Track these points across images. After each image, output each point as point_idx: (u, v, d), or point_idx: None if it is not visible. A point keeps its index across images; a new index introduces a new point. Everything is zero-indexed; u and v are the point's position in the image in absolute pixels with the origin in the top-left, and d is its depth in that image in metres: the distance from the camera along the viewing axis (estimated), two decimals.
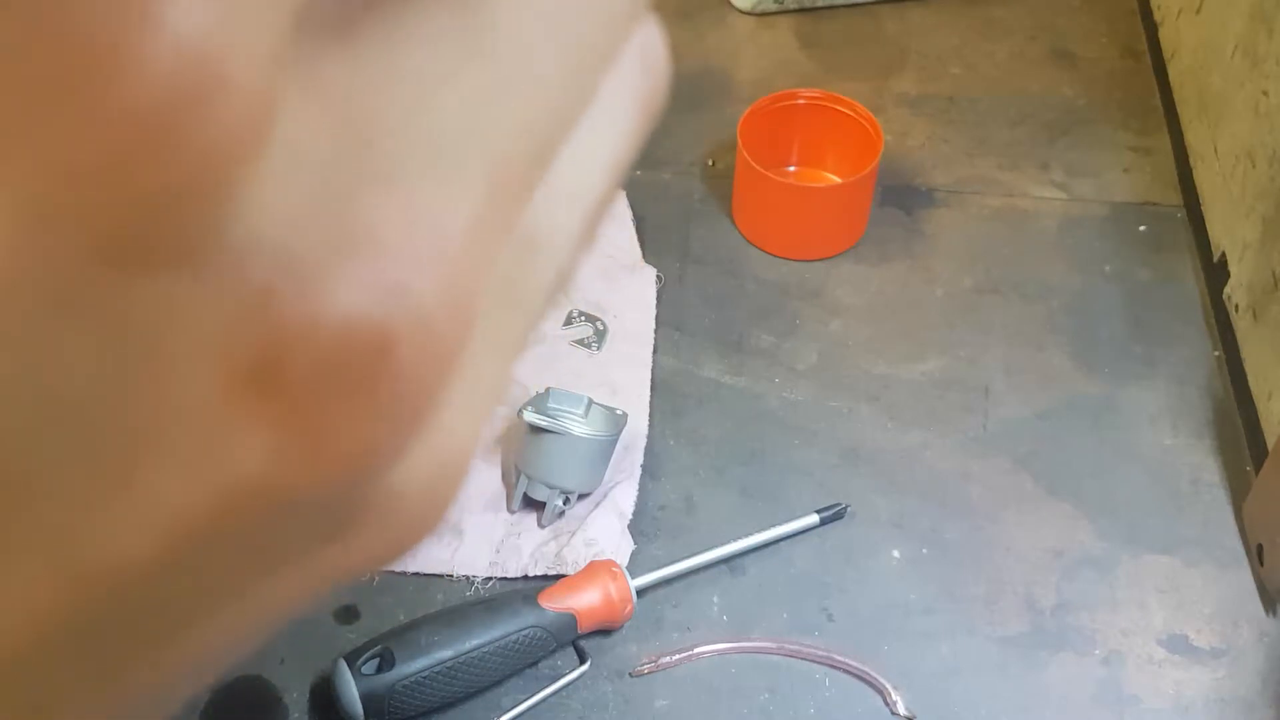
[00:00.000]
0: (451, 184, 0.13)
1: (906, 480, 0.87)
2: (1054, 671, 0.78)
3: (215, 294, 0.12)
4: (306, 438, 0.12)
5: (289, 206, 0.12)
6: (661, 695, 0.76)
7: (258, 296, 0.12)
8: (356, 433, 0.13)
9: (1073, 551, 0.83)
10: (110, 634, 0.13)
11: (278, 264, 0.12)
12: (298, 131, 0.12)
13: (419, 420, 0.13)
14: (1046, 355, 0.94)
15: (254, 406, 0.12)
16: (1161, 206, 1.04)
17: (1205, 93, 1.04)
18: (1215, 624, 0.80)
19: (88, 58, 0.10)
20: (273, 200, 0.12)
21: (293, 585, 0.15)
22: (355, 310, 0.12)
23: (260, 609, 0.15)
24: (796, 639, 0.78)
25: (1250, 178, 0.93)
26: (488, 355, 0.15)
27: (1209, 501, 0.86)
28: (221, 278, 0.12)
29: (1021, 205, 1.04)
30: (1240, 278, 0.93)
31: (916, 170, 1.06)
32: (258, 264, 0.12)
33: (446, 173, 0.13)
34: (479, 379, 0.15)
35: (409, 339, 0.12)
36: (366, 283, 0.12)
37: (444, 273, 0.13)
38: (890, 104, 1.10)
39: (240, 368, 0.12)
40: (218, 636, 0.15)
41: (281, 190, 0.12)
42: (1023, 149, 1.07)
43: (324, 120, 0.12)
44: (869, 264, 0.99)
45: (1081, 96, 1.12)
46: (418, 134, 0.13)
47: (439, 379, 0.13)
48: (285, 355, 0.12)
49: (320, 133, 0.12)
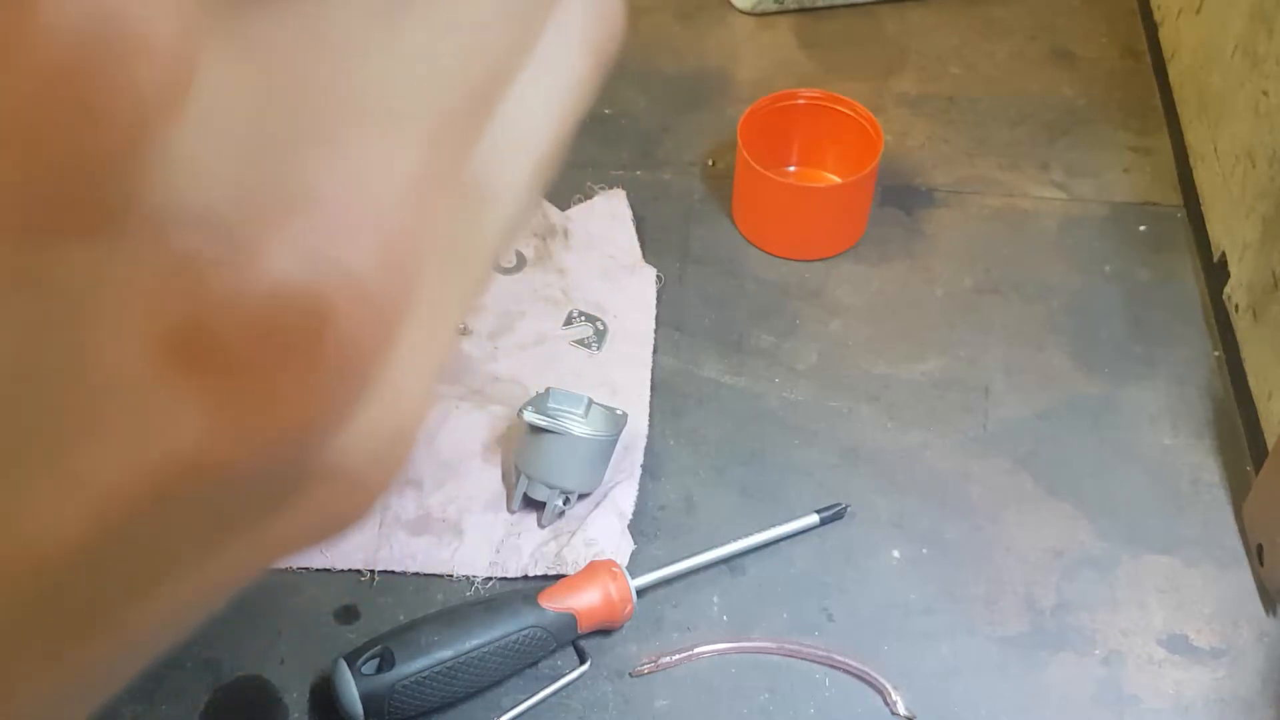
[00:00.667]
0: (388, 140, 0.13)
1: (906, 480, 0.87)
2: (1054, 671, 0.78)
3: (137, 261, 0.11)
4: (240, 410, 0.12)
5: (215, 170, 0.12)
6: (661, 695, 0.76)
7: (182, 263, 0.11)
8: (293, 403, 0.12)
9: (1073, 551, 0.83)
10: (48, 613, 0.13)
11: (203, 229, 0.11)
12: (222, 92, 0.12)
13: (360, 387, 0.13)
14: (1046, 355, 0.94)
15: (184, 378, 0.12)
16: (1161, 206, 1.04)
17: (1205, 93, 1.04)
18: (1215, 624, 0.80)
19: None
20: (197, 163, 0.11)
21: (237, 559, 0.14)
22: (287, 276, 0.12)
23: (204, 584, 0.14)
24: (796, 639, 0.78)
25: (1250, 178, 0.93)
26: (434, 314, 0.14)
27: (1209, 501, 0.86)
28: (143, 244, 0.11)
29: (1021, 205, 1.04)
30: (1240, 278, 0.93)
31: (916, 170, 1.06)
32: (182, 229, 0.11)
33: (382, 129, 0.13)
34: (426, 339, 0.14)
35: (346, 305, 0.12)
36: (299, 247, 0.12)
37: (382, 234, 0.12)
38: (890, 104, 1.10)
39: (167, 337, 0.12)
40: (162, 613, 0.14)
41: (206, 153, 0.12)
42: (1023, 149, 1.07)
43: (251, 80, 0.12)
44: (869, 264, 0.99)
45: (1081, 96, 1.12)
46: (350, 90, 0.12)
47: (380, 344, 0.13)
48: (213, 324, 0.12)
49: (247, 93, 0.12)
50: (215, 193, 0.12)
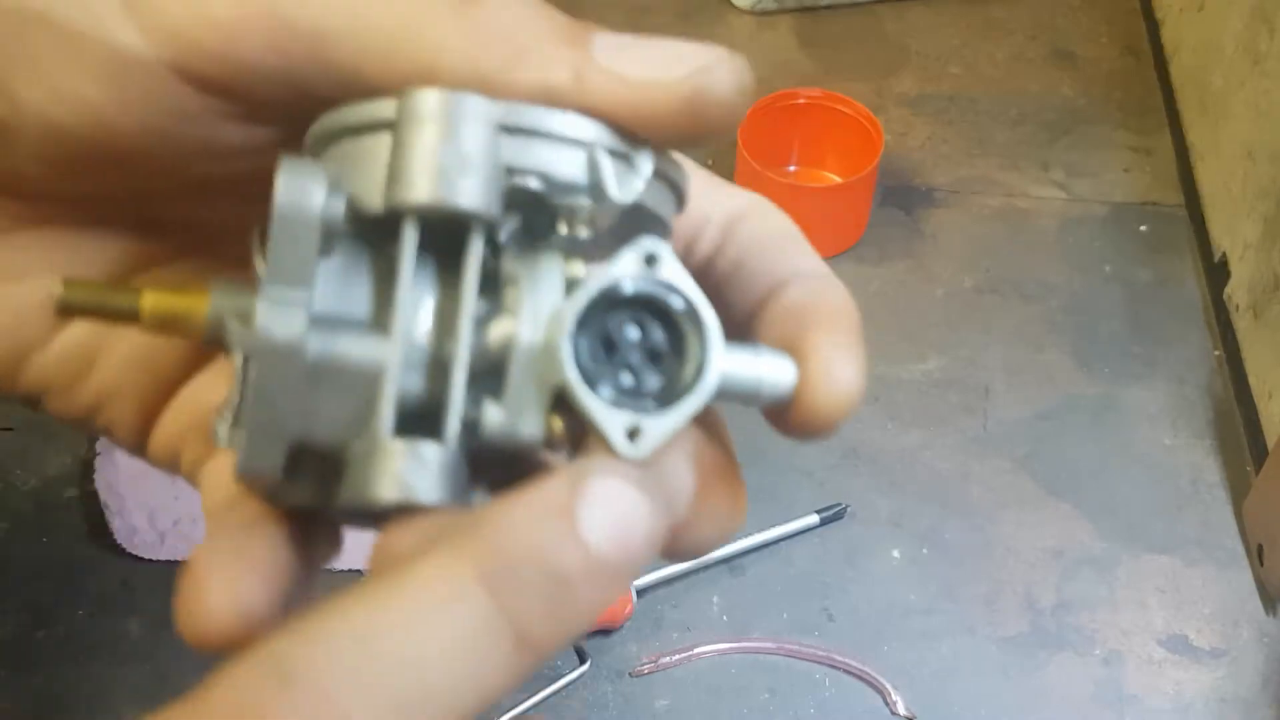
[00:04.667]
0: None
1: (906, 480, 0.87)
2: (1054, 671, 0.78)
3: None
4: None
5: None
6: (661, 695, 0.76)
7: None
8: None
9: (1072, 551, 0.83)
10: None
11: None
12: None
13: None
14: (1046, 355, 0.94)
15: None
16: (1162, 206, 1.04)
17: (1206, 92, 1.04)
18: (1215, 624, 0.80)
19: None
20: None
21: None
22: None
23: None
24: (796, 639, 0.78)
25: (1251, 177, 0.93)
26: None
27: (1209, 501, 0.86)
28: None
29: (1021, 205, 1.03)
30: (1241, 277, 0.93)
31: (916, 170, 1.06)
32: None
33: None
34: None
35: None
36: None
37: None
38: (890, 104, 1.10)
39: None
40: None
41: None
42: (1023, 149, 1.07)
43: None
44: (869, 264, 0.99)
45: (1082, 96, 1.12)
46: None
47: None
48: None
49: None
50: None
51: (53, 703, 0.75)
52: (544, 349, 0.23)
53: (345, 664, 0.20)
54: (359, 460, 0.23)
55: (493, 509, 0.21)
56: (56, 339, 0.28)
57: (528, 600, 0.20)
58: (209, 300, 0.24)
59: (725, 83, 0.23)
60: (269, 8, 0.23)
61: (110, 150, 0.25)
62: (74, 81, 0.24)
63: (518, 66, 0.23)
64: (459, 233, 0.23)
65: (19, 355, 0.28)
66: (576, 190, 0.24)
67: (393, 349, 0.23)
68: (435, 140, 0.23)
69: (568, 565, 0.21)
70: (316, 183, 0.22)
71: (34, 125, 0.24)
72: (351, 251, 0.24)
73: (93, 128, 0.24)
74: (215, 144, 0.25)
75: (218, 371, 0.29)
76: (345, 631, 0.20)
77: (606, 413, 0.22)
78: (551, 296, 0.24)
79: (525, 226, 0.24)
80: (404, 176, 0.23)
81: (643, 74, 0.23)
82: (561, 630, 0.21)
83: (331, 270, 0.23)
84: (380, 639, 0.20)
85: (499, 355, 0.23)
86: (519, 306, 0.23)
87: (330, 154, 0.24)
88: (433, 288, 0.24)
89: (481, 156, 0.23)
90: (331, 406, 0.23)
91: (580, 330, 0.23)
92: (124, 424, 0.29)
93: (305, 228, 0.22)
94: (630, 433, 0.22)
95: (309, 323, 0.22)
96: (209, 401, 0.28)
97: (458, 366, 0.23)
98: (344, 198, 0.23)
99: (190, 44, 0.24)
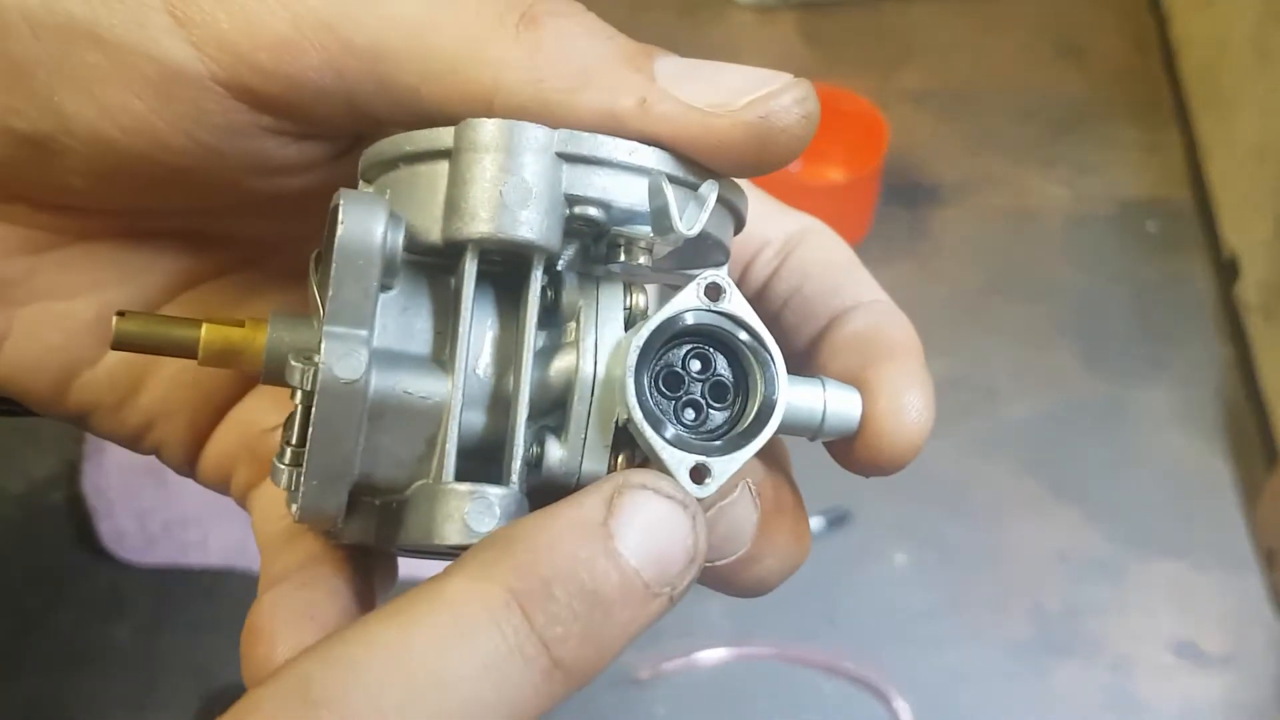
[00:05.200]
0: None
1: (910, 483, 0.85)
2: (1062, 678, 0.77)
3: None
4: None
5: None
6: (662, 702, 0.76)
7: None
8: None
9: (1080, 556, 0.82)
10: None
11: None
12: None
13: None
14: (1053, 356, 0.93)
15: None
16: (1171, 204, 1.03)
17: (1216, 88, 1.03)
18: (1225, 630, 0.79)
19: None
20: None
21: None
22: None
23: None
24: (798, 645, 0.78)
25: (1261, 174, 0.92)
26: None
27: (1219, 505, 0.85)
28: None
29: (1028, 203, 1.03)
30: (1252, 276, 0.92)
31: (921, 167, 1.05)
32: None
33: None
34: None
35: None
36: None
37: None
38: (894, 100, 1.09)
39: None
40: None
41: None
42: (1029, 146, 1.06)
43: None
44: (873, 263, 0.97)
45: (1089, 92, 1.11)
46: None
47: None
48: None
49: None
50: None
51: (41, 711, 0.74)
52: (606, 384, 0.23)
53: (372, 687, 0.19)
54: (422, 502, 0.23)
55: (525, 524, 0.21)
56: (105, 357, 0.28)
57: (562, 621, 0.20)
58: (266, 334, 0.24)
59: (792, 111, 0.23)
60: (327, 25, 0.23)
61: (159, 165, 0.24)
62: (123, 96, 0.24)
63: (581, 90, 0.23)
64: (517, 262, 0.23)
65: (68, 374, 0.27)
66: (637, 218, 0.23)
67: (455, 390, 0.23)
68: (495, 171, 0.22)
69: (604, 585, 0.20)
70: (378, 219, 0.22)
71: (83, 140, 0.24)
72: (409, 280, 0.24)
73: (142, 143, 0.24)
74: (265, 160, 0.25)
75: (268, 392, 0.28)
76: (373, 653, 0.19)
77: (672, 454, 0.22)
78: (613, 329, 0.24)
79: (584, 254, 0.24)
80: (464, 208, 0.22)
81: (708, 101, 0.23)
82: (598, 653, 0.21)
83: (389, 301, 0.23)
84: (408, 661, 0.19)
85: (560, 390, 0.23)
86: (580, 339, 0.23)
87: (385, 180, 0.24)
88: (491, 318, 0.24)
89: (542, 187, 0.23)
90: (393, 445, 0.23)
91: (642, 363, 0.23)
92: (174, 444, 0.29)
93: (368, 264, 0.22)
94: (696, 472, 0.22)
95: (370, 360, 0.22)
96: (260, 423, 0.28)
97: (520, 406, 0.23)
98: (403, 230, 0.23)
99: (243, 60, 0.23)
